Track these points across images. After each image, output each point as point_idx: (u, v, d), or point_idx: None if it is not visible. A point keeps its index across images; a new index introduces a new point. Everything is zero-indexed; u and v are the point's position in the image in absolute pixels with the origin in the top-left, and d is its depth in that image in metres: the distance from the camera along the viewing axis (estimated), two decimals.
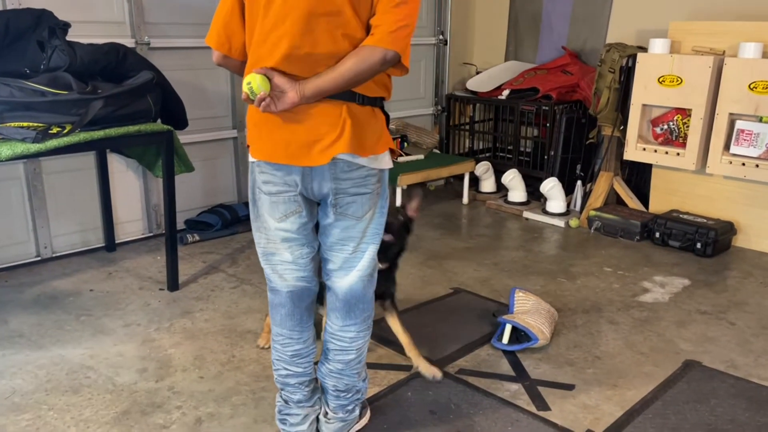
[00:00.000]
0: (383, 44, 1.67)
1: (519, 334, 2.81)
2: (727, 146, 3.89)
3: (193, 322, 3.03)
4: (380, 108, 1.84)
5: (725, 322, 3.08)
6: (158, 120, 3.32)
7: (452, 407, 2.36)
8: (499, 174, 4.96)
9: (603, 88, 4.39)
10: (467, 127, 5.58)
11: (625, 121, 4.30)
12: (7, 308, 3.11)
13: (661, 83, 4.05)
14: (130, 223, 4.02)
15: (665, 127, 4.14)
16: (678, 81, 3.97)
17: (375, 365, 2.62)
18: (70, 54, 2.91)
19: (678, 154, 4.07)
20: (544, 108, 4.85)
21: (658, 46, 4.09)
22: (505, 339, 2.80)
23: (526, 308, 2.91)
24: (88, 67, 2.99)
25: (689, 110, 3.99)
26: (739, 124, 3.80)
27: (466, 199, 5.02)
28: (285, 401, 2.09)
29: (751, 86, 3.71)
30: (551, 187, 4.55)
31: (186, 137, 3.79)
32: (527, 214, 4.68)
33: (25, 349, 2.76)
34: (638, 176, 4.68)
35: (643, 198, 4.52)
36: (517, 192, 4.85)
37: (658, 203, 4.38)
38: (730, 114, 3.83)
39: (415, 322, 2.90)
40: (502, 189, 5.08)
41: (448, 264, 3.76)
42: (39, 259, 3.66)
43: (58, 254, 3.73)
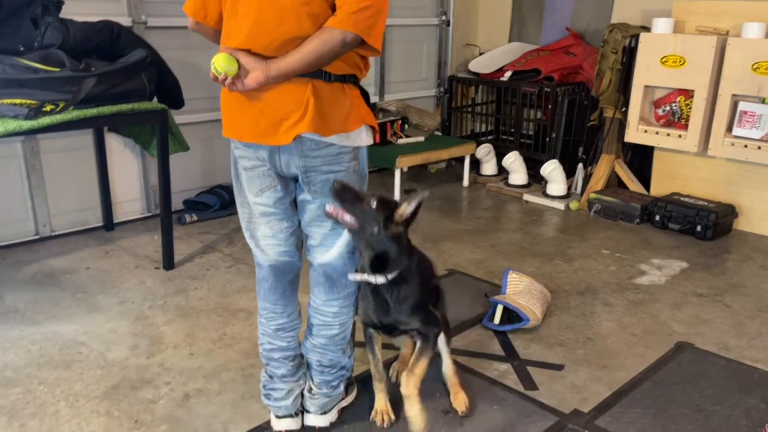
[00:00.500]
0: (343, 26, 1.64)
1: (511, 315, 2.80)
2: (729, 128, 3.84)
3: (187, 300, 3.04)
4: (353, 84, 1.82)
5: (721, 304, 3.05)
6: (153, 99, 3.33)
7: (440, 386, 2.35)
8: (501, 157, 4.93)
9: (605, 69, 4.34)
10: (469, 109, 5.54)
11: (626, 103, 4.25)
12: (3, 285, 3.14)
13: (663, 64, 3.99)
14: (129, 203, 4.03)
15: (667, 108, 4.09)
16: (681, 61, 3.91)
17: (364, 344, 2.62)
18: (63, 31, 2.90)
19: (680, 136, 4.02)
20: (545, 90, 4.80)
21: (662, 25, 4.03)
22: (497, 319, 2.79)
23: (519, 289, 2.90)
24: (82, 45, 2.99)
25: (692, 91, 3.93)
26: (742, 106, 3.74)
27: (466, 182, 4.99)
28: (270, 376, 2.10)
29: (754, 67, 3.65)
30: (552, 169, 4.52)
31: (184, 117, 3.78)
32: (527, 197, 4.65)
33: (20, 324, 2.78)
34: (640, 159, 4.63)
35: (645, 181, 4.48)
36: (518, 175, 4.82)
37: (660, 186, 4.34)
38: (733, 95, 3.77)
39: None
40: (503, 172, 5.04)
41: (445, 246, 3.75)
42: (38, 237, 3.68)
43: (56, 233, 3.75)
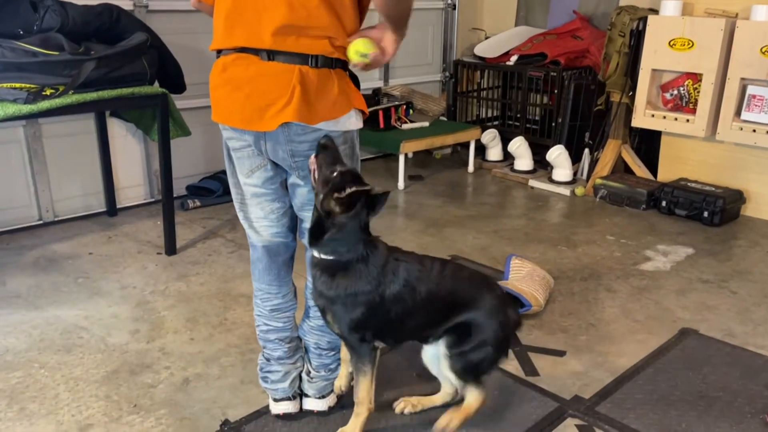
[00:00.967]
0: None
1: (514, 301, 2.78)
2: (738, 112, 3.78)
3: (188, 285, 3.04)
4: (341, 69, 1.78)
5: (727, 290, 3.02)
6: (155, 83, 3.31)
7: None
8: (506, 142, 4.88)
9: (612, 53, 4.28)
10: (475, 94, 5.49)
11: (634, 87, 4.19)
12: (6, 270, 3.14)
13: (671, 47, 3.93)
14: (132, 189, 4.03)
15: (675, 92, 4.03)
16: (689, 44, 3.85)
17: None
18: (62, 15, 2.89)
19: (687, 120, 3.96)
20: (552, 74, 4.74)
21: (670, 8, 3.96)
22: None
23: (521, 275, 2.88)
24: (81, 28, 2.97)
25: (700, 75, 3.87)
26: (751, 89, 3.68)
27: (471, 168, 4.95)
28: (267, 359, 2.09)
29: (764, 50, 3.58)
30: (558, 155, 4.47)
31: (187, 102, 3.76)
32: (533, 183, 4.61)
33: (22, 309, 2.79)
34: (648, 144, 4.57)
35: (653, 166, 4.42)
36: (524, 160, 4.78)
37: (667, 171, 4.29)
38: (742, 79, 3.71)
39: None
40: (509, 157, 5.00)
41: (448, 232, 3.73)
42: (41, 222, 3.69)
43: (59, 218, 3.75)
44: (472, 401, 1.97)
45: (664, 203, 3.97)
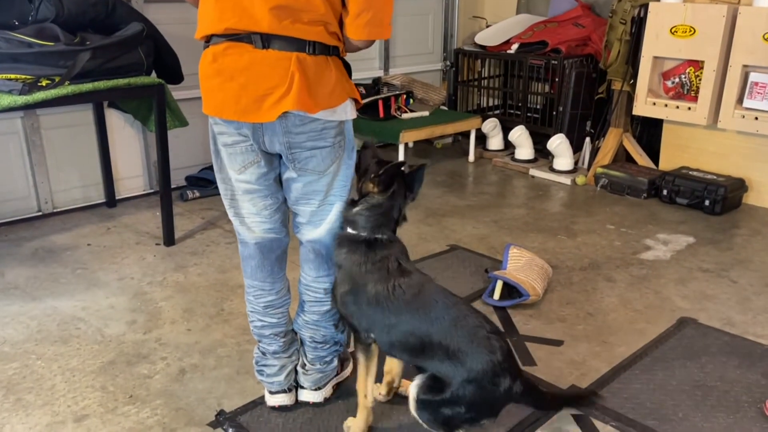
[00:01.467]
0: None
1: (511, 290, 2.77)
2: (740, 99, 3.74)
3: (186, 276, 3.04)
4: (336, 56, 1.76)
5: (727, 279, 3.00)
6: (152, 74, 3.29)
7: None
8: (507, 131, 4.85)
9: (614, 41, 4.24)
10: (476, 83, 5.45)
11: (635, 75, 4.16)
12: (4, 261, 3.15)
13: (673, 34, 3.88)
14: (131, 180, 4.03)
15: (676, 80, 3.99)
16: (691, 31, 3.81)
17: None
18: (57, 5, 2.87)
19: (689, 108, 3.92)
20: (553, 62, 4.71)
21: None
22: (496, 295, 2.76)
23: (520, 265, 2.86)
24: (77, 19, 2.95)
25: (702, 62, 3.83)
26: (753, 77, 3.64)
27: (472, 157, 4.93)
28: (262, 353, 2.09)
29: (766, 36, 3.53)
30: (558, 144, 4.45)
31: (185, 93, 3.74)
32: (533, 172, 4.58)
33: (19, 300, 2.79)
34: (649, 132, 4.54)
35: (654, 155, 4.39)
36: (524, 149, 4.75)
37: (669, 160, 4.26)
38: (744, 66, 3.67)
39: None
40: (510, 146, 4.97)
41: (447, 221, 3.71)
42: (40, 214, 3.69)
43: (59, 210, 3.75)
44: None
45: (665, 192, 3.94)
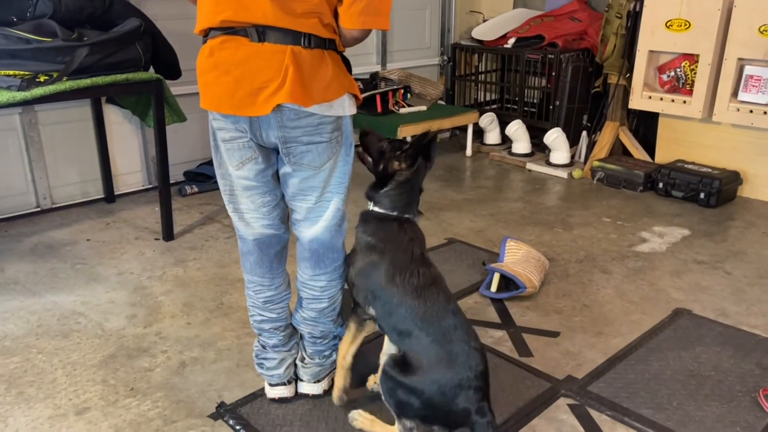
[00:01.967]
0: None
1: (508, 283, 2.79)
2: (735, 93, 3.77)
3: (185, 270, 3.06)
4: (333, 50, 1.76)
5: (721, 271, 3.03)
6: (150, 69, 3.30)
7: None
8: (505, 125, 4.87)
9: (610, 35, 4.26)
10: (473, 77, 5.46)
11: (631, 69, 4.18)
12: (4, 257, 3.16)
13: (668, 28, 3.90)
14: (130, 175, 4.04)
15: (672, 74, 4.01)
16: (686, 25, 3.83)
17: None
18: (55, 1, 2.87)
19: (684, 102, 3.95)
20: (549, 57, 4.72)
21: None
22: (494, 287, 2.78)
23: (517, 257, 2.89)
24: (74, 15, 2.96)
25: (697, 56, 3.85)
26: (748, 70, 3.67)
27: (469, 151, 4.95)
28: (262, 346, 2.10)
29: (761, 29, 3.56)
30: (555, 138, 4.47)
31: (183, 88, 3.75)
32: (530, 166, 4.60)
33: (19, 295, 2.81)
34: (646, 126, 4.57)
35: (651, 148, 4.42)
36: (521, 143, 4.77)
37: (665, 153, 4.28)
38: (739, 59, 3.69)
39: None
40: (507, 141, 4.99)
41: (445, 215, 3.73)
42: (39, 210, 3.70)
43: (57, 205, 3.76)
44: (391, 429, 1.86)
45: (660, 185, 3.97)
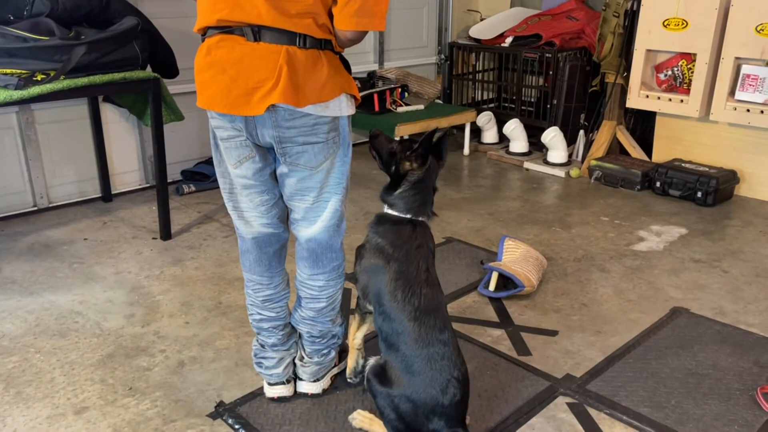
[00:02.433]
0: None
1: (507, 282, 2.79)
2: (732, 92, 3.77)
3: (183, 269, 3.05)
4: (330, 51, 1.75)
5: (719, 270, 3.03)
6: (147, 68, 3.29)
7: None
8: (502, 124, 4.87)
9: (607, 34, 4.27)
10: (471, 76, 5.47)
11: (628, 68, 4.18)
12: (1, 256, 3.15)
13: (666, 27, 3.91)
14: (127, 174, 4.03)
15: (669, 73, 4.02)
16: (683, 24, 3.84)
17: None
18: (52, 0, 2.86)
19: (682, 101, 3.95)
20: (547, 56, 4.73)
21: None
22: (492, 286, 2.78)
23: (515, 256, 2.89)
24: (71, 13, 2.95)
25: (694, 55, 3.86)
26: (745, 69, 3.68)
27: (467, 150, 4.95)
28: (261, 345, 2.10)
29: (759, 28, 3.57)
30: (552, 137, 4.47)
31: (180, 87, 3.74)
32: (528, 165, 4.61)
33: (17, 295, 2.80)
34: (643, 125, 4.57)
35: (648, 147, 4.42)
36: (519, 142, 4.78)
37: (662, 152, 4.29)
38: (736, 58, 3.70)
39: None
40: (504, 140, 5.00)
41: (443, 214, 3.73)
42: (35, 209, 3.69)
43: (54, 204, 3.75)
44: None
45: (658, 184, 3.97)
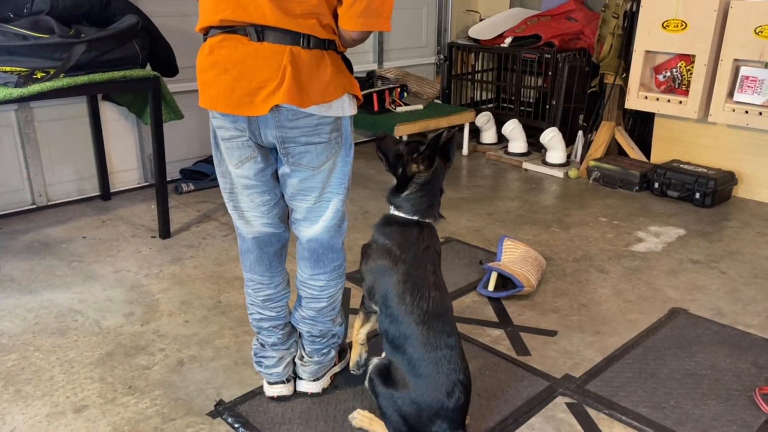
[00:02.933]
0: None
1: (506, 282, 2.80)
2: (730, 93, 3.78)
3: (183, 268, 3.05)
4: (333, 51, 1.75)
5: (717, 271, 3.04)
6: (146, 66, 3.29)
7: None
8: (501, 125, 4.88)
9: (606, 35, 4.27)
10: (470, 76, 5.47)
11: (627, 69, 4.19)
12: None
13: (665, 28, 3.92)
14: (126, 173, 4.03)
15: (668, 74, 4.03)
16: (683, 25, 3.84)
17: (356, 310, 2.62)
18: None
19: (680, 102, 3.96)
20: (546, 56, 4.73)
21: None
22: (491, 286, 2.79)
23: (514, 256, 2.89)
24: (71, 11, 2.95)
25: (693, 56, 3.87)
26: (744, 71, 3.69)
27: (466, 151, 4.96)
28: (261, 344, 2.10)
29: (757, 30, 3.58)
30: (551, 137, 4.48)
31: (180, 86, 3.74)
32: (527, 165, 4.62)
33: (16, 293, 2.80)
34: (642, 126, 4.58)
35: (646, 148, 4.43)
36: (518, 143, 4.78)
37: (660, 153, 4.30)
38: (735, 60, 3.71)
39: None
40: (503, 140, 5.00)
41: (442, 214, 3.73)
42: (34, 207, 3.68)
43: (53, 202, 3.75)
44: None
45: (656, 185, 3.98)
